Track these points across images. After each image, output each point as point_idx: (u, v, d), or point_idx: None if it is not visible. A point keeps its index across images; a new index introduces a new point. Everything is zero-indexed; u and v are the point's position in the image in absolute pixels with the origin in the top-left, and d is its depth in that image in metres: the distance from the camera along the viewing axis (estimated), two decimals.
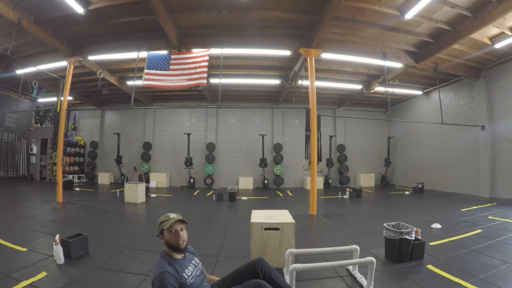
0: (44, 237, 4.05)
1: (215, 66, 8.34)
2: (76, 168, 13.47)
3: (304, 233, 4.68)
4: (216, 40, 7.11)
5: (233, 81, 10.50)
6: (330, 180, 12.43)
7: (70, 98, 10.92)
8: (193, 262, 1.94)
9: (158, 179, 12.49)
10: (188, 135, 12.25)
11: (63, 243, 3.18)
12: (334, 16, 5.99)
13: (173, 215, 1.88)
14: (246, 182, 12.21)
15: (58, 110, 7.98)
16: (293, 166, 12.85)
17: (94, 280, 2.72)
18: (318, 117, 6.88)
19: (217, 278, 2.16)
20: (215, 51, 7.36)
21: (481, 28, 6.21)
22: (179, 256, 1.86)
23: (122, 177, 12.15)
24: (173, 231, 1.82)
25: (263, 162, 11.92)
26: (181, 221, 1.87)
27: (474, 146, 9.34)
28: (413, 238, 3.24)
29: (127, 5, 6.00)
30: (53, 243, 3.14)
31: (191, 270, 1.85)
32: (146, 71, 7.39)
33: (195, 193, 10.22)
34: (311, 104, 6.83)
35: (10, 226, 4.64)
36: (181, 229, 1.86)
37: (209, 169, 12.48)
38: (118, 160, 12.33)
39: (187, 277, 1.77)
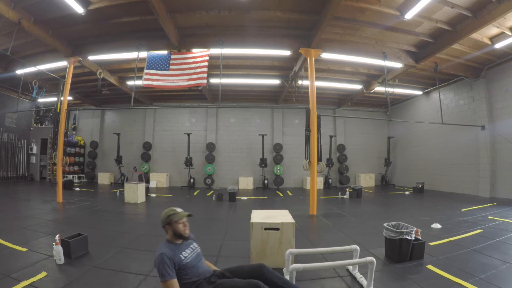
0: (44, 237, 4.05)
1: (215, 66, 8.34)
2: (76, 168, 13.47)
3: (304, 233, 4.68)
4: (216, 40, 7.11)
5: (233, 81, 10.50)
6: (330, 180, 12.43)
7: (70, 98, 10.92)
8: (191, 246, 2.21)
9: (158, 179, 12.49)
10: (188, 135, 12.25)
11: (63, 243, 3.18)
12: (334, 16, 5.99)
13: (179, 210, 2.22)
14: (246, 182, 12.21)
15: (58, 110, 7.98)
16: (293, 166, 12.85)
17: (94, 280, 2.72)
18: (318, 117, 6.88)
19: (215, 267, 2.41)
20: (215, 51, 7.35)
21: (481, 28, 6.21)
22: (179, 242, 2.15)
23: (122, 177, 12.15)
24: (182, 222, 2.15)
25: (263, 162, 11.92)
26: (188, 215, 2.24)
27: (474, 146, 9.34)
28: (413, 238, 3.24)
29: (127, 5, 6.00)
30: (53, 243, 3.14)
31: (188, 252, 2.13)
32: (146, 71, 7.39)
33: (195, 193, 10.22)
34: (311, 104, 6.83)
35: (10, 226, 4.65)
36: (187, 221, 2.21)
37: (209, 169, 12.48)
38: (118, 160, 12.33)
39: (183, 258, 2.05)
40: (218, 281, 2.05)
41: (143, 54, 7.47)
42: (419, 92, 11.83)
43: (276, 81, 10.37)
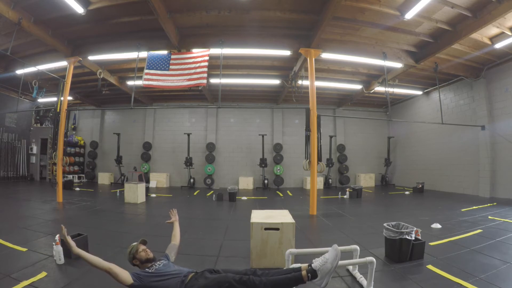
0: (44, 237, 4.05)
1: (215, 66, 8.33)
2: (76, 168, 13.47)
3: (304, 233, 4.68)
4: (216, 40, 7.11)
5: (233, 81, 10.50)
6: (330, 180, 12.43)
7: (70, 98, 10.91)
8: (158, 263, 2.35)
9: (158, 179, 12.49)
10: (188, 135, 12.25)
11: (63, 243, 3.17)
12: (334, 16, 5.98)
13: (134, 243, 2.46)
14: (246, 182, 12.21)
15: (58, 110, 7.99)
16: (293, 166, 12.84)
17: (94, 280, 2.72)
18: (318, 117, 6.88)
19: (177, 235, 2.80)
20: (215, 51, 7.35)
21: (481, 28, 6.21)
22: (149, 265, 2.31)
23: (122, 177, 12.15)
24: (142, 250, 2.38)
25: (263, 162, 11.92)
26: (142, 242, 2.48)
27: (474, 146, 9.33)
28: (413, 238, 3.24)
29: (127, 5, 6.00)
30: (53, 243, 3.15)
31: (155, 266, 2.28)
32: (146, 71, 7.38)
33: (195, 193, 10.22)
34: (311, 104, 6.83)
35: (10, 226, 4.65)
36: (145, 247, 2.42)
37: (209, 169, 12.48)
38: (118, 160, 12.33)
39: (148, 269, 2.22)
40: (195, 276, 2.14)
41: (143, 54, 7.47)
42: (419, 92, 11.83)
43: (276, 81, 10.36)
